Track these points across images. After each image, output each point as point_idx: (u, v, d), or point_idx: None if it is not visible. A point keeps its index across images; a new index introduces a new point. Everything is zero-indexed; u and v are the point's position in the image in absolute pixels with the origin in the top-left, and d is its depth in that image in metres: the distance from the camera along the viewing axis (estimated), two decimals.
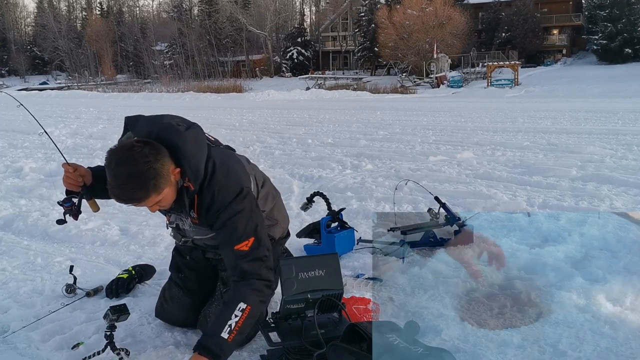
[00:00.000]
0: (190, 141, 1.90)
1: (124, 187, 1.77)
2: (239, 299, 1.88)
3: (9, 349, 2.19)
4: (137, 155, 1.76)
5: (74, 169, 2.12)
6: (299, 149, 7.78)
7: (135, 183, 1.76)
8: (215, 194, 1.94)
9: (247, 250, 1.93)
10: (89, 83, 55.19)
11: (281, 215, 2.46)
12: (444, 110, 16.11)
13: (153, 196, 1.82)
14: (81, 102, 23.91)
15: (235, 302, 1.87)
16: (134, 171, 1.75)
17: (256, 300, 1.91)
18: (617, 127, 10.05)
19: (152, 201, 1.84)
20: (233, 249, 1.93)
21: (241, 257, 1.93)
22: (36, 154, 7.71)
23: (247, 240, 1.94)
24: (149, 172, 1.76)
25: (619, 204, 4.13)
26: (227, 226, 1.94)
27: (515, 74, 35.33)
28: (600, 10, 42.88)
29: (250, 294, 1.90)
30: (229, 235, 1.94)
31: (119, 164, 1.77)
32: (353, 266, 3.02)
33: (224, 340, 1.81)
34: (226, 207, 1.94)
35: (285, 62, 55.14)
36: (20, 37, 72.22)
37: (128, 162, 1.76)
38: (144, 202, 1.83)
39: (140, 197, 1.80)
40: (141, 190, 1.78)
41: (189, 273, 2.35)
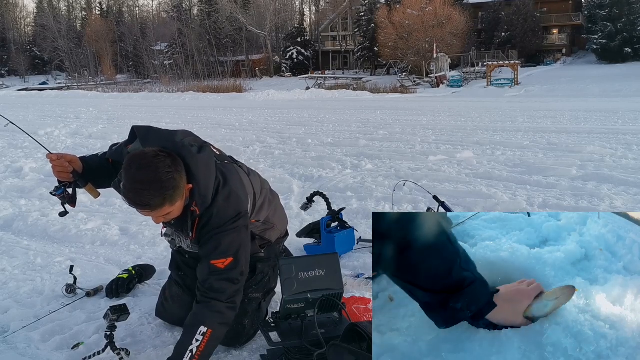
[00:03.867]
0: (202, 165, 1.90)
1: (142, 192, 1.76)
2: (200, 322, 1.86)
3: (9, 349, 2.19)
4: (161, 164, 1.76)
5: (58, 156, 2.10)
6: (299, 149, 7.78)
7: (155, 190, 1.75)
8: (213, 216, 1.94)
9: (222, 268, 1.92)
10: (88, 83, 55.19)
11: (278, 218, 2.45)
12: (444, 109, 16.12)
13: (167, 206, 1.81)
14: (81, 102, 23.91)
15: (196, 326, 1.85)
16: (156, 178, 1.74)
17: (216, 323, 1.88)
18: (617, 126, 10.05)
19: (164, 211, 1.83)
20: (209, 262, 1.92)
21: (214, 273, 1.91)
22: (36, 154, 7.71)
23: (225, 259, 1.93)
24: (170, 182, 1.76)
25: (618, 204, 4.14)
26: (212, 241, 1.94)
27: (515, 73, 35.33)
28: (600, 10, 42.88)
29: (211, 316, 1.88)
30: (211, 249, 1.94)
31: (140, 168, 1.76)
32: (353, 266, 3.03)
33: None
34: (217, 227, 1.94)
35: (285, 62, 55.14)
36: (20, 37, 72.22)
37: (151, 168, 1.75)
38: (156, 211, 1.81)
39: (155, 205, 1.78)
40: (158, 198, 1.76)
41: (189, 271, 2.35)
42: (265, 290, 2.31)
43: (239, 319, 2.13)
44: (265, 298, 2.31)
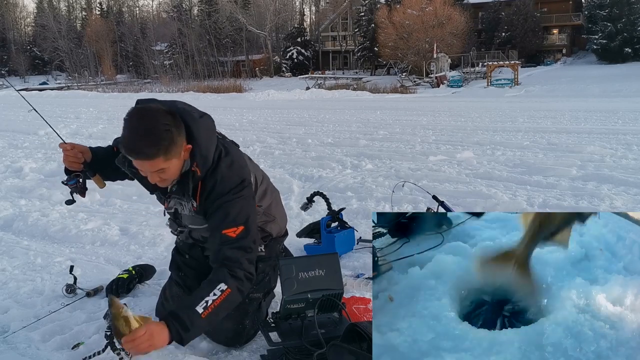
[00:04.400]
0: (203, 129, 1.94)
1: (138, 141, 1.79)
2: (220, 280, 1.87)
3: (9, 349, 2.19)
4: (160, 117, 1.81)
5: (71, 146, 2.14)
6: (299, 149, 7.78)
7: (151, 139, 1.78)
8: (217, 182, 1.97)
9: (234, 237, 1.93)
10: (88, 83, 55.21)
11: (279, 213, 2.46)
12: (444, 110, 16.12)
13: (161, 158, 1.82)
14: (81, 102, 23.92)
15: (216, 282, 1.86)
16: (153, 128, 1.78)
17: (235, 287, 1.89)
18: (617, 126, 10.05)
19: (157, 164, 1.83)
20: (221, 232, 1.93)
21: (226, 242, 1.92)
22: (36, 154, 7.71)
23: (236, 228, 1.94)
24: (166, 134, 1.79)
25: (618, 204, 4.14)
26: (220, 210, 1.95)
27: (515, 73, 35.33)
28: (600, 10, 42.88)
29: (231, 279, 1.88)
30: (220, 219, 1.95)
31: (140, 119, 1.81)
32: (353, 266, 3.02)
33: (197, 313, 1.79)
34: (224, 195, 1.96)
35: (285, 62, 55.14)
36: (20, 37, 72.22)
37: (149, 119, 1.80)
38: (150, 161, 1.81)
39: (149, 154, 1.79)
40: (153, 147, 1.78)
41: (189, 271, 2.35)
42: (266, 290, 2.31)
43: (240, 319, 2.13)
44: (265, 298, 2.31)
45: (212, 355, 2.13)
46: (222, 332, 2.14)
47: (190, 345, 2.18)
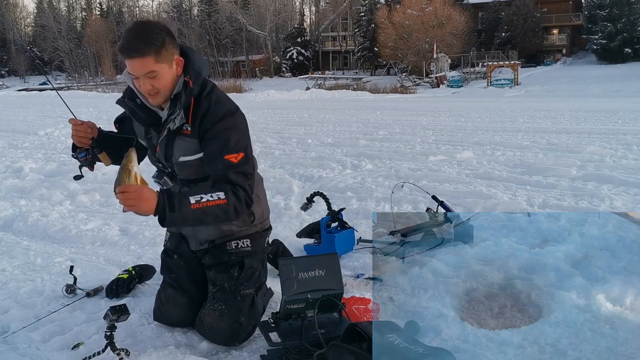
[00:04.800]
0: (197, 54, 2.11)
1: (131, 39, 1.92)
2: (222, 190, 1.93)
3: (10, 349, 2.19)
4: (154, 25, 2.00)
5: (81, 122, 2.19)
6: (299, 149, 7.78)
7: (143, 38, 1.91)
8: (212, 103, 2.05)
9: (235, 162, 1.99)
10: (88, 83, 55.20)
11: (263, 196, 2.45)
12: (444, 110, 16.12)
13: (152, 58, 1.92)
14: (81, 102, 23.90)
15: (217, 190, 1.93)
16: (146, 30, 1.95)
17: (232, 202, 1.93)
18: (617, 126, 10.05)
19: (148, 63, 1.92)
20: (223, 158, 1.98)
21: (230, 167, 1.98)
22: (36, 154, 7.72)
23: (237, 154, 2.00)
24: (158, 37, 1.93)
25: (619, 204, 4.14)
26: (220, 137, 2.01)
27: (515, 73, 35.33)
28: (600, 10, 42.87)
29: (231, 195, 1.94)
30: (221, 146, 2.00)
31: (137, 24, 2.01)
32: (353, 266, 3.02)
33: (188, 202, 1.86)
34: (221, 119, 2.02)
35: (285, 62, 55.13)
36: (20, 38, 72.19)
37: (144, 25, 1.99)
38: (142, 59, 1.91)
39: (141, 50, 1.90)
40: (144, 44, 1.90)
41: (179, 272, 2.36)
42: (257, 285, 2.30)
43: (235, 318, 2.14)
44: (258, 293, 2.30)
45: (212, 355, 2.14)
46: (219, 333, 2.14)
47: (190, 346, 2.18)
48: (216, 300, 2.20)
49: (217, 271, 2.26)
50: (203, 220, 1.93)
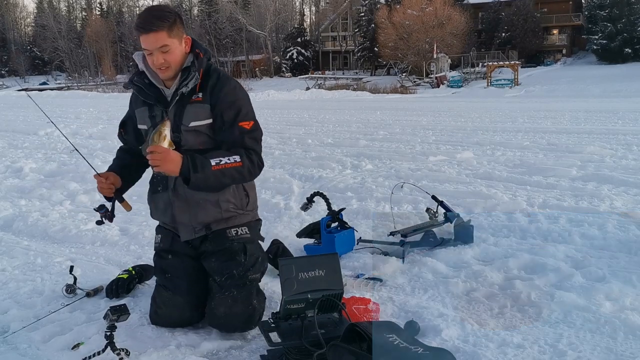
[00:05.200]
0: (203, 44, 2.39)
1: (147, 16, 2.16)
2: (238, 154, 2.18)
3: (10, 349, 2.19)
4: (166, 6, 2.33)
5: (105, 177, 2.36)
6: (299, 149, 7.79)
7: (157, 15, 2.15)
8: (220, 75, 2.31)
9: (248, 128, 2.25)
10: (88, 83, 55.24)
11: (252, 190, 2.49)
12: (444, 110, 16.13)
13: (165, 33, 2.14)
14: (81, 102, 23.93)
15: (233, 153, 2.17)
16: (160, 9, 2.20)
17: (247, 164, 2.18)
18: (617, 127, 10.05)
19: (162, 37, 2.14)
20: (238, 124, 2.23)
21: (244, 132, 2.23)
22: (36, 154, 7.72)
23: (249, 122, 2.26)
24: (170, 15, 2.18)
25: (619, 204, 4.13)
26: (234, 106, 2.24)
27: (515, 73, 35.34)
28: (600, 10, 42.88)
29: (245, 158, 2.19)
30: (235, 114, 2.24)
31: (150, 6, 2.32)
32: (353, 266, 3.02)
33: (209, 164, 2.10)
34: (233, 90, 2.27)
35: (285, 62, 55.15)
36: (20, 38, 72.22)
37: (158, 6, 2.31)
38: (155, 33, 2.13)
39: (155, 24, 2.12)
40: (159, 20, 2.13)
41: (174, 271, 2.36)
42: (261, 270, 2.37)
43: (248, 302, 2.21)
44: (261, 279, 2.38)
45: (213, 355, 2.14)
46: (235, 318, 2.18)
47: (190, 346, 2.18)
48: (226, 288, 2.24)
49: (223, 259, 2.29)
50: (222, 181, 2.17)
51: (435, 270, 2.90)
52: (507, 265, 2.90)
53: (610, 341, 2.11)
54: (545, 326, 2.25)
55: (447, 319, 2.28)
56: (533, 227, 3.57)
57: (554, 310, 2.36)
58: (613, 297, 2.46)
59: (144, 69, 2.29)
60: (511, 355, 2.01)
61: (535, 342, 2.10)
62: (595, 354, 2.01)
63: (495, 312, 2.40)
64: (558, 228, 3.52)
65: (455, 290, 2.62)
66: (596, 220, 3.67)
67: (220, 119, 2.23)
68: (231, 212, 2.34)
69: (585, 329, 2.21)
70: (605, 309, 2.35)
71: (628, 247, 3.16)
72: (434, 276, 2.82)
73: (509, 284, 2.66)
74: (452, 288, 2.63)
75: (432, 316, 2.32)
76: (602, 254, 3.08)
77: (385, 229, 3.58)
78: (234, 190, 2.33)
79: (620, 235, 3.34)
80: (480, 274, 2.78)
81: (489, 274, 2.77)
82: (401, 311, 2.42)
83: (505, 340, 2.11)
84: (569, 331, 2.19)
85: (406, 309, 2.43)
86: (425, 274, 2.84)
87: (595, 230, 3.46)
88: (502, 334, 2.17)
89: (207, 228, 2.33)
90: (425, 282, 2.75)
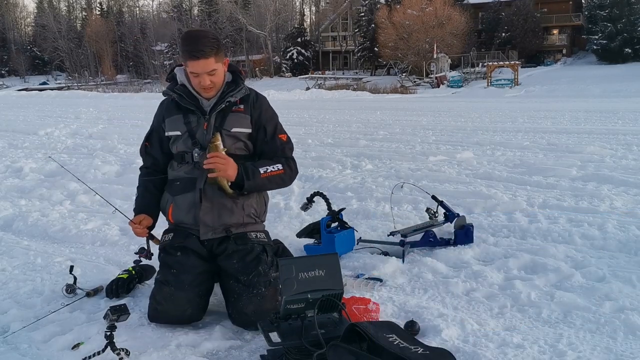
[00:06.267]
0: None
1: (197, 45, 2.30)
2: (279, 162, 2.50)
3: (10, 349, 2.19)
4: (210, 32, 2.43)
5: (138, 220, 2.53)
6: (299, 149, 7.78)
7: (207, 43, 2.31)
8: (258, 94, 2.58)
9: (285, 140, 2.58)
10: (89, 83, 55.24)
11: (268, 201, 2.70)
12: (444, 110, 16.12)
13: (214, 58, 2.33)
14: (81, 102, 23.91)
15: (276, 162, 2.49)
16: (207, 34, 2.37)
17: (287, 171, 2.51)
18: (617, 127, 10.04)
19: (210, 63, 2.32)
20: (278, 137, 2.55)
21: (284, 143, 2.57)
22: (36, 154, 7.72)
23: (284, 135, 2.60)
24: (215, 41, 2.35)
25: (619, 204, 4.13)
26: (272, 122, 2.56)
27: (515, 73, 35.32)
28: (600, 10, 42.87)
29: (287, 166, 2.51)
30: (274, 128, 2.55)
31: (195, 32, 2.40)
32: (353, 266, 3.02)
33: (259, 172, 2.40)
34: (269, 106, 2.58)
35: (285, 62, 55.14)
36: (20, 37, 72.23)
37: (203, 32, 2.40)
38: (206, 59, 2.30)
39: (206, 51, 2.30)
40: (208, 47, 2.30)
41: (180, 267, 2.38)
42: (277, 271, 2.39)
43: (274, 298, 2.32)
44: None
45: (212, 355, 2.14)
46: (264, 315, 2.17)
47: (190, 346, 2.19)
48: (253, 286, 2.30)
49: (248, 259, 2.38)
50: (268, 186, 2.50)
51: (435, 270, 2.90)
52: (507, 265, 2.90)
53: (610, 341, 2.11)
54: (545, 326, 2.25)
55: (447, 319, 2.28)
56: (533, 227, 3.57)
57: (554, 310, 2.37)
58: (613, 297, 2.46)
59: (184, 82, 2.49)
60: (511, 355, 2.01)
61: (535, 342, 2.10)
62: (595, 354, 2.01)
63: (495, 312, 2.40)
64: (558, 228, 3.52)
65: (455, 290, 2.62)
66: (596, 220, 3.67)
67: (263, 131, 2.51)
68: (251, 218, 2.51)
69: (585, 329, 2.21)
70: (605, 309, 2.35)
71: (628, 247, 3.17)
72: (434, 276, 2.82)
73: (509, 284, 2.66)
74: (452, 288, 2.63)
75: (432, 316, 2.32)
76: (602, 254, 3.09)
77: (385, 229, 3.58)
78: (257, 197, 2.54)
79: (620, 235, 3.34)
80: (480, 274, 2.78)
81: (489, 274, 2.77)
82: (401, 311, 2.42)
83: (505, 340, 2.11)
84: (568, 331, 2.19)
85: (406, 309, 2.43)
86: (425, 274, 2.84)
87: (595, 230, 3.46)
88: (502, 334, 2.17)
89: (227, 230, 2.44)
90: (425, 282, 2.75)
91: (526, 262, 2.94)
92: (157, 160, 2.62)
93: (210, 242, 2.44)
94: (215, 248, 2.44)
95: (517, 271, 2.85)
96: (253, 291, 2.30)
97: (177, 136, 2.49)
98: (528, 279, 2.72)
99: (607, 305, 2.38)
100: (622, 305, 2.38)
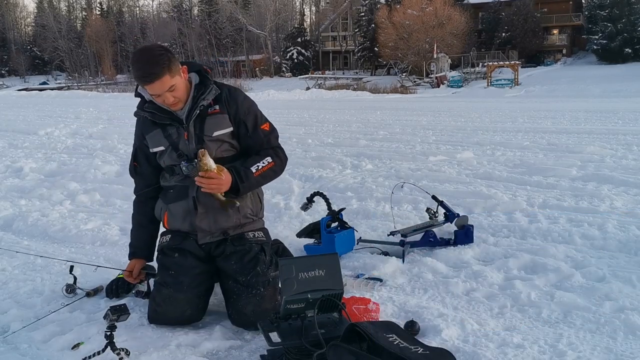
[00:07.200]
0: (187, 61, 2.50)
1: (144, 67, 2.21)
2: (268, 155, 2.45)
3: (10, 349, 2.19)
4: (156, 47, 2.31)
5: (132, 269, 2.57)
6: (299, 149, 7.78)
7: (154, 63, 2.19)
8: (230, 89, 2.47)
9: (268, 130, 2.51)
10: (89, 83, 55.24)
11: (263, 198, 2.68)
12: (444, 110, 16.12)
13: (167, 76, 2.21)
14: (81, 102, 23.91)
15: (264, 157, 2.43)
16: (153, 54, 2.23)
17: (278, 162, 2.47)
18: (617, 127, 10.04)
19: (166, 82, 2.21)
20: (260, 128, 2.48)
21: (267, 133, 2.50)
22: (36, 154, 7.72)
23: (266, 124, 2.52)
24: (163, 56, 2.21)
25: (619, 204, 4.13)
26: (250, 114, 2.47)
27: (515, 73, 35.32)
28: (601, 10, 42.86)
29: (275, 157, 2.47)
30: (254, 120, 2.48)
31: (141, 52, 2.31)
32: (353, 266, 3.02)
33: (251, 172, 2.36)
34: (244, 99, 2.48)
35: (285, 62, 55.14)
36: (20, 37, 72.24)
37: (148, 50, 2.28)
38: (160, 80, 2.19)
39: (157, 73, 2.18)
40: (157, 67, 2.18)
41: (179, 268, 2.37)
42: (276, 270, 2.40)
43: (274, 298, 2.31)
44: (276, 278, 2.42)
45: (212, 355, 2.14)
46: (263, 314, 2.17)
47: (190, 346, 2.19)
48: (252, 286, 2.29)
49: (246, 259, 2.36)
50: (262, 183, 2.47)
51: (435, 270, 2.90)
52: (507, 265, 2.90)
53: (610, 341, 2.11)
54: (545, 326, 2.25)
55: (447, 319, 2.28)
56: (533, 227, 3.57)
57: (554, 310, 2.37)
58: (613, 297, 2.46)
59: (152, 99, 2.37)
60: (511, 355, 2.01)
61: (535, 342, 2.10)
62: (595, 354, 2.01)
63: (495, 312, 2.40)
64: (558, 228, 3.52)
65: (455, 290, 2.62)
66: (596, 220, 3.67)
67: (244, 126, 2.44)
68: (248, 218, 2.49)
69: (585, 329, 2.21)
70: (605, 309, 2.35)
71: (628, 247, 3.17)
72: (434, 276, 2.82)
73: (509, 284, 2.66)
74: (452, 288, 2.63)
75: (432, 316, 2.32)
76: (602, 254, 3.08)
77: (385, 229, 3.58)
78: (252, 197, 2.50)
79: (620, 235, 3.34)
80: (480, 274, 2.78)
81: (489, 274, 2.77)
82: (401, 311, 2.42)
83: (505, 340, 2.11)
84: (568, 331, 2.19)
85: (406, 309, 2.43)
86: (425, 274, 2.84)
87: (595, 230, 3.46)
88: (502, 334, 2.17)
89: (225, 233, 2.43)
90: (425, 282, 2.75)
91: (526, 262, 2.94)
92: (149, 178, 2.57)
93: (208, 245, 2.43)
94: (213, 250, 2.44)
95: (517, 271, 2.85)
96: (252, 291, 2.29)
97: (161, 151, 2.44)
98: (528, 279, 2.72)
99: (607, 305, 2.38)
100: (622, 305, 2.38)
